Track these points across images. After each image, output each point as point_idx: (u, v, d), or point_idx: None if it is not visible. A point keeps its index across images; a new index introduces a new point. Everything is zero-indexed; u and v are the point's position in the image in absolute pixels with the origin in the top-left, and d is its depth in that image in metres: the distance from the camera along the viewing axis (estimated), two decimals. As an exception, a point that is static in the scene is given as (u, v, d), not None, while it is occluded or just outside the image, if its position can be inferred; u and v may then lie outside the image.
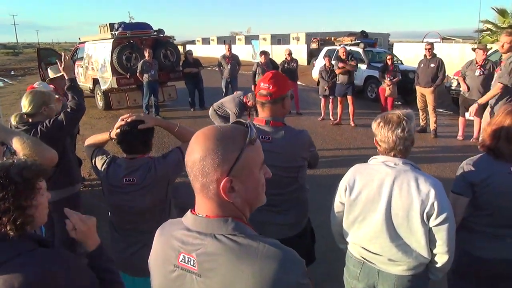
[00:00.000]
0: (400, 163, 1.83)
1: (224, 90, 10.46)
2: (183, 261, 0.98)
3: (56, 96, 3.38)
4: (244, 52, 27.41)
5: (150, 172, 2.07)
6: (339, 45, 14.35)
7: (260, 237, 0.97)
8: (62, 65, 3.08)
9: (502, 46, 5.14)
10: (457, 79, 9.97)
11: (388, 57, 8.77)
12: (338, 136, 8.03)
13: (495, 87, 5.24)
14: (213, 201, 0.98)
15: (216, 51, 36.37)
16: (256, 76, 9.54)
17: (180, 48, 17.72)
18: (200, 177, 0.95)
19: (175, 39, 12.18)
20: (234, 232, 0.96)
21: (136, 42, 10.39)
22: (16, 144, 1.90)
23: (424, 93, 7.82)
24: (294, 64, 9.80)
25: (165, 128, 2.22)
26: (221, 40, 50.30)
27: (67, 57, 3.13)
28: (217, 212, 0.98)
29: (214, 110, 5.88)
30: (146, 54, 9.51)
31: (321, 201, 3.13)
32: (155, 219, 2.09)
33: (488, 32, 16.28)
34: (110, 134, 2.16)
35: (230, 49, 10.44)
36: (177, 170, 2.15)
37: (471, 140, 7.09)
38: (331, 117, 9.19)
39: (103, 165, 2.15)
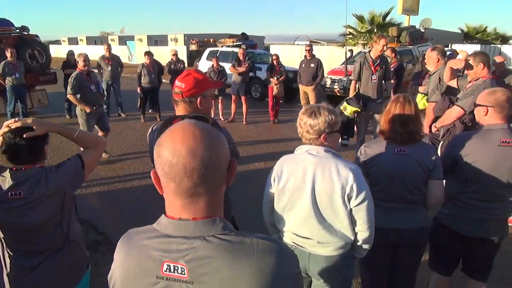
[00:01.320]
0: (322, 151, 1.97)
1: (105, 93, 9.71)
2: (168, 270, 0.89)
3: None
4: (119, 54, 25.89)
5: (39, 184, 1.82)
6: (221, 46, 14.65)
7: (249, 233, 0.95)
8: None
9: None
10: (330, 78, 11.13)
11: (274, 57, 9.29)
12: (236, 133, 8.19)
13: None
14: (208, 200, 0.92)
15: (89, 52, 33.72)
16: (142, 77, 9.12)
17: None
18: (197, 178, 0.89)
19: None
20: (224, 231, 0.91)
21: (-7, 41, 8.96)
22: None
23: (306, 91, 8.51)
24: (181, 65, 9.66)
25: (61, 134, 2.02)
26: (91, 40, 46.66)
27: None
28: (206, 213, 0.93)
29: None
30: (8, 55, 8.28)
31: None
32: (50, 236, 1.91)
33: (350, 36, 18.52)
34: None
35: (109, 49, 9.75)
36: (76, 180, 1.95)
37: None
38: (221, 117, 9.33)
39: None
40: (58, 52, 31.63)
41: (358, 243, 2.03)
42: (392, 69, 7.42)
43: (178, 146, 0.88)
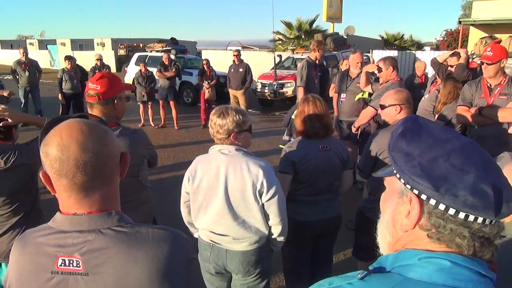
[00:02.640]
0: (233, 150, 2.05)
1: (23, 100, 9.07)
2: (62, 264, 0.90)
3: None
4: (39, 58, 24.24)
5: (14, 155, 2.17)
6: (150, 51, 14.31)
7: (146, 225, 0.98)
8: None
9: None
10: (261, 83, 11.39)
11: (204, 62, 9.30)
12: (168, 138, 8.06)
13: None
14: (102, 194, 0.95)
15: (6, 57, 31.05)
16: (63, 83, 8.62)
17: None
18: (90, 171, 0.91)
19: None
20: (119, 223, 0.94)
21: None
22: None
23: (237, 95, 8.63)
24: (106, 70, 9.29)
25: (33, 123, 2.41)
26: (7, 44, 42.99)
27: None
28: (101, 206, 0.95)
29: None
30: None
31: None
32: (22, 202, 2.26)
33: (280, 42, 19.11)
34: None
35: (25, 54, 9.08)
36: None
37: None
38: (151, 123, 9.13)
39: None
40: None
41: (273, 236, 2.13)
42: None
43: (67, 141, 0.89)
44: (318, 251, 2.68)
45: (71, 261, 0.90)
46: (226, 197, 2.01)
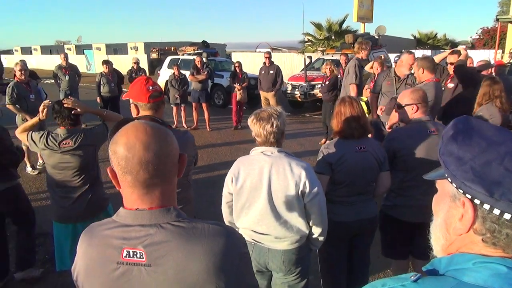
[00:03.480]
0: (276, 152, 2.11)
1: (63, 103, 9.48)
2: (127, 256, 0.98)
3: None
4: (76, 63, 25.18)
5: (80, 137, 2.82)
6: (182, 54, 14.63)
7: (201, 220, 1.05)
8: None
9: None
10: (291, 84, 11.40)
11: (236, 64, 9.43)
12: (200, 139, 8.22)
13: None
14: (162, 191, 1.02)
15: (45, 62, 32.43)
16: (101, 87, 8.96)
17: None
18: (152, 169, 0.98)
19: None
20: (177, 218, 1.01)
21: None
22: None
23: (267, 97, 8.70)
24: (142, 74, 9.59)
25: (95, 113, 3.03)
26: (46, 49, 44.97)
27: None
28: (161, 202, 1.02)
29: None
30: (-44, 66, 7.92)
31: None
32: (87, 175, 2.90)
33: (309, 43, 19.02)
34: (39, 117, 2.96)
35: (66, 59, 9.49)
36: (102, 138, 2.93)
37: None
38: (184, 125, 9.33)
39: (41, 137, 2.81)
40: (10, 62, 30.23)
41: (314, 236, 2.17)
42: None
43: (133, 141, 0.98)
44: (355, 251, 2.70)
45: (135, 253, 0.97)
46: (269, 197, 2.07)
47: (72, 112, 2.78)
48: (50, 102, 2.98)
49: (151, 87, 2.12)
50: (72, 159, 2.82)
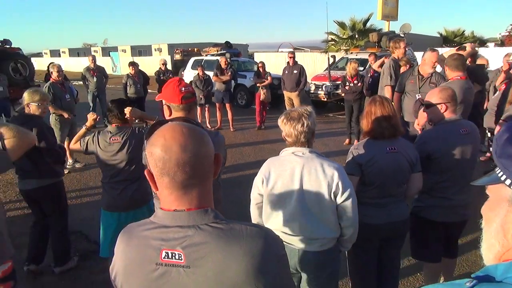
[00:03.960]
0: (307, 152, 2.09)
1: (91, 104, 9.73)
2: (166, 257, 0.98)
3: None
4: (103, 65, 25.84)
5: (129, 135, 3.12)
6: (206, 55, 14.76)
7: (239, 221, 1.04)
8: None
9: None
10: (314, 84, 11.32)
11: (259, 64, 9.44)
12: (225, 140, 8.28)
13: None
14: (199, 192, 1.02)
15: (73, 64, 33.31)
16: (128, 88, 9.15)
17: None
18: (190, 170, 0.98)
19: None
20: (215, 220, 1.01)
21: (-25, 54, 8.91)
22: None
23: (291, 97, 8.66)
24: (170, 75, 9.73)
25: (146, 119, 3.35)
26: (74, 52, 46.32)
27: None
28: (198, 204, 1.02)
29: None
30: (-11, 68, 8.26)
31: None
32: (134, 168, 3.10)
33: (333, 42, 18.85)
34: (86, 127, 3.30)
35: (94, 61, 9.75)
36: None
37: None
38: (208, 125, 9.40)
39: (92, 138, 3.15)
40: (39, 64, 31.26)
41: (345, 238, 2.14)
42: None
43: (170, 142, 0.97)
44: (385, 254, 2.64)
45: (173, 254, 0.97)
46: (300, 198, 2.05)
47: (125, 117, 3.12)
48: (95, 115, 3.38)
49: (183, 88, 2.13)
50: (120, 154, 3.09)
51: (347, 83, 7.86)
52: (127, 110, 3.06)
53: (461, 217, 2.78)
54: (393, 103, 3.91)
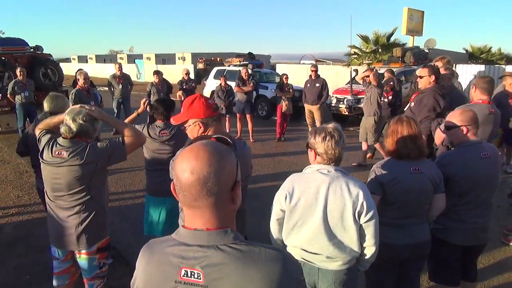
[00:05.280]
0: (333, 170, 2.08)
1: (115, 110, 9.97)
2: (185, 275, 0.99)
3: None
4: (128, 72, 26.42)
5: (175, 130, 3.44)
6: (228, 65, 14.93)
7: (258, 243, 1.05)
8: None
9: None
10: (336, 97, 11.29)
11: (284, 76, 9.49)
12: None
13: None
14: (216, 213, 1.02)
15: (100, 70, 34.24)
16: (151, 96, 9.33)
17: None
18: (206, 192, 0.99)
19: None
20: (235, 241, 1.02)
21: (8, 60, 9.28)
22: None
23: (312, 110, 8.66)
24: (193, 84, 9.88)
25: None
26: (101, 58, 47.59)
27: None
28: (218, 224, 1.03)
29: None
30: (18, 73, 8.56)
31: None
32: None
33: (355, 56, 18.76)
34: (138, 112, 3.63)
35: (120, 68, 10.02)
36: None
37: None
38: (228, 135, 9.48)
39: (142, 129, 3.37)
40: (68, 70, 32.27)
41: (366, 257, 2.12)
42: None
43: (184, 163, 1.01)
44: (405, 276, 2.60)
45: (192, 273, 0.99)
46: (324, 217, 2.04)
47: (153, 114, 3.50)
48: (146, 100, 3.83)
49: (210, 101, 2.19)
50: (167, 146, 3.44)
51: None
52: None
53: (480, 240, 2.75)
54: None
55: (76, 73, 10.21)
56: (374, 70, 7.40)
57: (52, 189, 2.56)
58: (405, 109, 4.54)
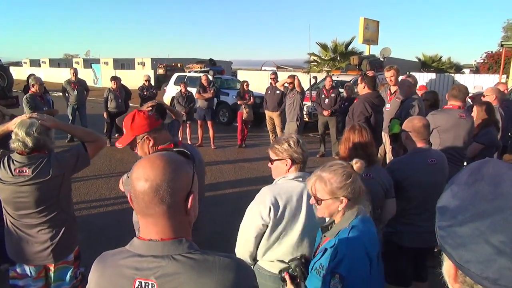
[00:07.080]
0: (306, 176, 2.09)
1: (70, 117, 9.58)
2: (139, 286, 0.99)
3: None
4: (84, 76, 25.53)
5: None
6: (189, 71, 14.81)
7: (213, 252, 1.06)
8: None
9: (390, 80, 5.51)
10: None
11: (244, 83, 9.54)
12: (205, 157, 8.26)
13: None
14: (170, 223, 1.03)
15: (54, 75, 32.81)
16: (108, 102, 9.07)
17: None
18: (158, 200, 1.00)
19: None
20: (189, 250, 1.03)
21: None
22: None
23: (272, 116, 8.76)
24: (154, 91, 9.70)
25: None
26: (55, 62, 45.61)
27: None
28: (172, 234, 1.03)
29: None
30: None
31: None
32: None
33: (315, 63, 19.21)
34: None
35: (76, 74, 9.65)
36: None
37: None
38: (188, 142, 9.38)
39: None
40: (19, 74, 30.62)
41: None
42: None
43: (140, 171, 1.02)
44: None
45: (147, 284, 0.98)
46: (306, 223, 2.04)
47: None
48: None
49: (149, 113, 2.23)
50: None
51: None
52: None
53: (429, 243, 2.88)
54: None
55: (28, 78, 9.77)
56: (296, 76, 7.81)
57: (15, 208, 2.35)
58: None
